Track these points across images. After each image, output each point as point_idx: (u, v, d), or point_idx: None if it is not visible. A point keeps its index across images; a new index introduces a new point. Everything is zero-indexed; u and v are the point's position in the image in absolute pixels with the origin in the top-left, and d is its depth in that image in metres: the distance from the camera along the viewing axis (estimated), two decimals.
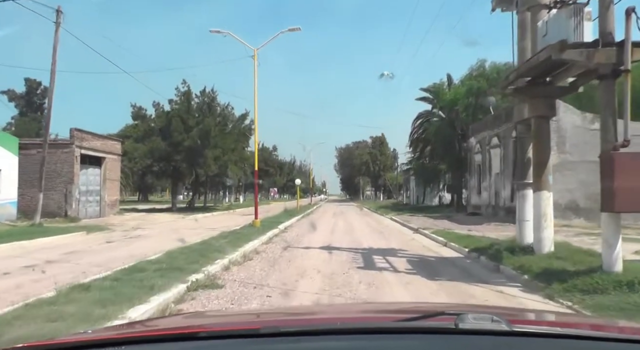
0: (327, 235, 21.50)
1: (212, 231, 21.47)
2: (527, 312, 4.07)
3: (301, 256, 14.12)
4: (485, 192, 34.20)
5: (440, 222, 29.07)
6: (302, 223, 30.34)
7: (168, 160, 40.62)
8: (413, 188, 67.44)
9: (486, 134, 33.46)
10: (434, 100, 51.37)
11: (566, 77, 11.63)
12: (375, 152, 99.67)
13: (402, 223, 29.72)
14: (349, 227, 26.94)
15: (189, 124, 40.42)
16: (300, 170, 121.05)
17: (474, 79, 40.48)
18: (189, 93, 41.74)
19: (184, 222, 31.72)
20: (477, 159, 36.10)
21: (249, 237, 17.43)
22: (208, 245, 14.55)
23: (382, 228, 26.97)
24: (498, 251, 12.78)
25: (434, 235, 20.20)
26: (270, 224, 24.52)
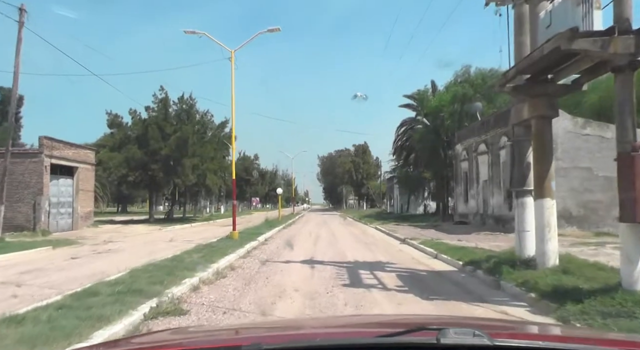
0: (310, 247, 20.29)
1: (187, 244, 20.23)
2: (510, 324, 3.80)
3: (281, 272, 12.89)
4: (472, 200, 33.25)
5: (427, 231, 28.01)
6: (283, 234, 29.08)
7: (144, 169, 39.16)
8: (397, 196, 66.47)
9: (473, 141, 32.56)
10: (418, 107, 50.55)
11: (570, 73, 10.60)
12: (358, 160, 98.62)
13: (387, 233, 28.60)
14: (333, 238, 25.74)
15: (167, 132, 39.07)
16: (282, 179, 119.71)
17: (459, 85, 39.66)
18: (167, 100, 40.42)
19: (159, 234, 30.28)
20: (464, 167, 35.18)
21: (225, 251, 16.15)
22: (179, 261, 13.26)
23: (367, 238, 25.81)
24: (496, 265, 11.65)
25: (423, 246, 19.09)
26: (249, 236, 23.27)
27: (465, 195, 35.13)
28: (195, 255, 14.81)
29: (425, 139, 45.06)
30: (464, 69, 40.61)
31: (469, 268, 12.79)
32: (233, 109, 22.94)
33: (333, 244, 21.84)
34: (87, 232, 29.82)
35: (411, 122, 52.26)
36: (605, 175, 24.30)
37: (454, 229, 28.53)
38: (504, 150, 27.04)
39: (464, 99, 38.82)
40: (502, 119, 27.28)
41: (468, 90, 38.70)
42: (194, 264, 12.38)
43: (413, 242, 21.12)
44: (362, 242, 23.45)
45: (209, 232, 29.43)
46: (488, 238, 22.70)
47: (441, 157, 45.82)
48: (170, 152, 38.48)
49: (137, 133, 39.79)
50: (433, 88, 50.21)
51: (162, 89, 40.78)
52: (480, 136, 31.08)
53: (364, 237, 26.66)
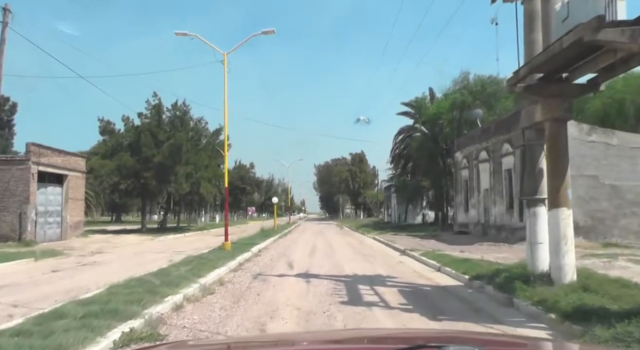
0: (305, 259, 19.36)
1: (177, 255, 19.31)
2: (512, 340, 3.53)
3: (273, 287, 11.96)
4: (473, 210, 32.36)
5: (427, 242, 27.12)
6: (278, 244, 28.12)
7: (137, 177, 38.21)
8: (394, 206, 65.56)
9: (473, 149, 31.72)
10: (416, 114, 49.82)
11: (586, 72, 9.74)
12: (355, 169, 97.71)
13: (386, 243, 27.68)
14: (329, 249, 24.80)
15: (160, 139, 38.17)
16: (279, 189, 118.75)
17: (458, 92, 38.91)
18: (160, 106, 39.53)
19: (150, 244, 29.32)
20: (464, 175, 34.32)
21: (215, 264, 15.21)
22: (164, 275, 12.31)
23: (365, 249, 24.88)
24: (507, 280, 10.74)
25: (424, 257, 18.17)
26: (242, 247, 22.33)
27: (465, 204, 34.26)
28: (183, 269, 13.86)
29: (424, 147, 44.29)
30: (462, 75, 39.95)
31: (476, 283, 11.87)
32: (225, 113, 22.06)
33: (330, 256, 20.91)
34: (76, 243, 28.84)
35: (409, 130, 51.46)
36: (611, 183, 23.50)
37: (455, 240, 27.65)
38: (506, 157, 26.20)
39: (462, 106, 38.09)
40: (504, 126, 26.48)
41: (467, 97, 37.97)
42: (180, 279, 11.43)
43: (413, 253, 20.21)
44: (360, 253, 22.52)
45: (201, 243, 28.50)
46: (492, 249, 21.81)
47: (440, 165, 45.03)
48: (163, 159, 37.56)
49: (129, 140, 38.88)
50: (431, 95, 49.51)
51: (155, 95, 39.97)
52: (481, 143, 30.25)
53: (361, 248, 25.73)
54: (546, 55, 8.85)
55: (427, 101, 48.31)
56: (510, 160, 25.68)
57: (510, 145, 25.54)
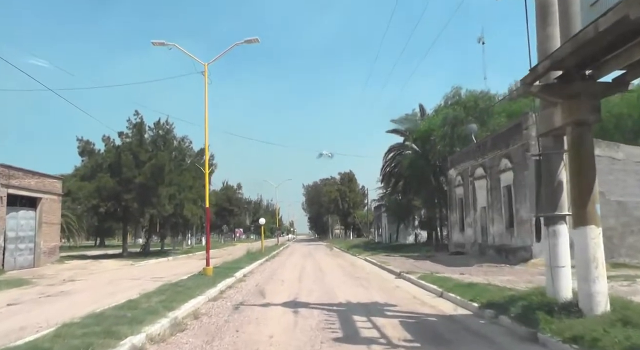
0: (294, 284, 17.78)
1: (154, 282, 17.82)
2: None
3: (256, 321, 10.39)
4: (469, 229, 30.94)
5: (422, 263, 25.66)
6: (264, 268, 26.47)
7: (117, 199, 36.49)
8: (385, 225, 64.11)
9: (468, 165, 30.42)
10: (406, 132, 48.65)
11: (614, 68, 8.42)
12: (344, 188, 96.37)
13: (379, 265, 26.15)
14: (320, 272, 23.20)
15: (141, 159, 36.57)
16: (267, 210, 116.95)
17: (450, 107, 37.79)
18: (142, 124, 38.04)
19: (129, 270, 27.58)
20: (459, 193, 32.98)
21: (193, 292, 13.63)
22: (131, 308, 10.73)
23: (357, 272, 23.32)
24: (526, 309, 9.30)
25: (423, 281, 16.68)
26: (225, 271, 20.73)
27: (460, 223, 32.86)
28: (155, 299, 12.29)
29: (415, 165, 43.06)
30: (454, 90, 38.91)
31: (488, 312, 10.37)
32: (206, 125, 20.56)
33: (320, 280, 19.33)
34: (48, 270, 27.04)
35: (399, 148, 50.27)
36: (617, 199, 22.21)
37: (451, 261, 26.19)
38: (505, 173, 24.87)
39: (455, 121, 36.94)
40: (501, 140, 25.23)
41: (459, 113, 36.86)
42: (147, 313, 9.86)
43: (410, 276, 18.72)
44: (353, 276, 20.96)
45: (184, 267, 26.89)
46: (493, 271, 20.36)
47: (432, 183, 43.78)
48: (145, 180, 35.93)
49: (109, 161, 37.24)
50: (421, 112, 48.46)
51: (137, 113, 38.49)
52: (476, 160, 28.96)
53: (353, 271, 24.16)
54: (574, 44, 7.48)
55: (417, 118, 47.18)
56: (509, 176, 24.37)
57: (509, 160, 24.24)
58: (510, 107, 36.49)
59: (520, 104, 37.01)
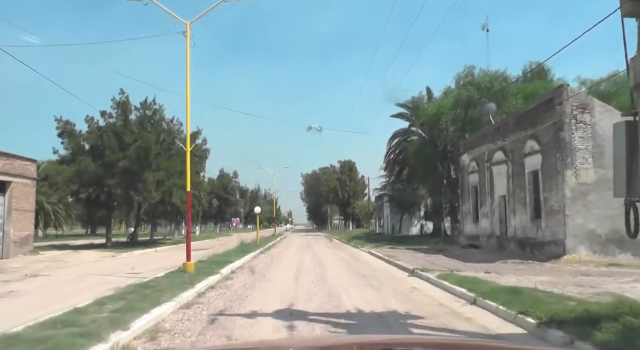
0: (290, 284, 14.89)
1: (126, 279, 15.08)
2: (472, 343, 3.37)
3: (236, 341, 7.50)
4: (484, 220, 28.07)
5: (435, 258, 22.81)
6: (258, 262, 23.55)
7: (100, 184, 33.58)
8: (388, 216, 61.20)
9: (485, 149, 27.48)
10: (412, 116, 45.66)
11: None
12: (344, 177, 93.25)
13: (386, 260, 23.28)
14: (320, 268, 20.28)
15: (126, 141, 33.58)
16: (265, 199, 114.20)
17: (463, 88, 34.77)
18: (126, 104, 34.98)
19: (107, 263, 24.78)
20: (472, 180, 30.07)
21: (162, 297, 10.74)
22: (66, 323, 7.85)
23: (363, 268, 20.43)
24: (626, 336, 6.41)
25: (445, 282, 13.80)
26: (210, 267, 17.84)
27: (474, 213, 29.98)
28: (110, 307, 9.46)
29: (421, 151, 40.12)
30: (467, 69, 35.81)
31: (556, 335, 7.45)
32: (188, 92, 17.51)
33: (321, 279, 16.41)
34: (16, 262, 24.15)
35: (405, 133, 47.30)
36: None
37: (468, 255, 23.33)
38: (530, 157, 21.94)
39: (468, 103, 34.01)
40: (526, 120, 22.29)
41: (473, 93, 33.88)
42: (79, 335, 6.96)
43: (427, 274, 15.86)
44: (359, 273, 18.06)
45: (169, 260, 24.02)
46: (522, 269, 17.46)
47: (439, 170, 40.92)
48: (129, 164, 32.97)
49: (91, 143, 34.27)
50: (429, 95, 45.43)
51: (122, 92, 35.41)
52: (495, 143, 26.02)
53: (358, 266, 21.27)
54: None
55: (424, 101, 44.13)
56: (536, 160, 21.44)
57: (537, 142, 21.30)
58: (526, 89, 33.64)
59: (537, 84, 34.19)
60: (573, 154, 18.98)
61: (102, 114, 34.48)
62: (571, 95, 18.80)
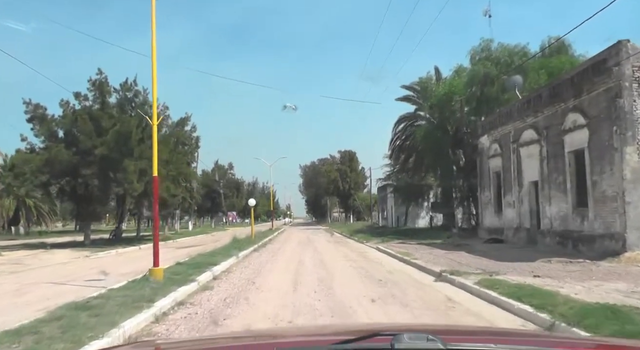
0: (285, 297, 11.32)
1: (82, 290, 11.97)
2: (464, 329, 3.67)
3: None
4: (509, 210, 24.57)
5: (457, 255, 19.32)
6: (249, 263, 19.96)
7: (74, 175, 29.96)
8: (392, 208, 57.59)
9: (511, 128, 23.96)
10: (420, 99, 42.03)
11: None
12: (345, 168, 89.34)
13: (401, 258, 19.79)
14: (323, 271, 16.67)
15: (103, 126, 29.98)
16: (262, 192, 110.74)
17: (479, 64, 31.22)
18: (104, 84, 31.28)
19: (74, 265, 21.51)
20: (494, 165, 26.55)
21: (96, 325, 7.25)
22: None
23: (375, 270, 16.87)
24: None
25: (492, 292, 10.35)
26: (188, 272, 14.34)
27: (496, 203, 26.48)
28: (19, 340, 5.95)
29: (430, 136, 36.54)
30: (483, 43, 32.21)
31: None
32: (154, 61, 13.79)
33: (326, 286, 12.82)
34: None
35: (411, 118, 43.68)
36: None
37: (494, 252, 19.84)
38: (573, 134, 18.40)
39: (485, 80, 30.47)
40: (566, 89, 18.69)
41: (491, 69, 30.36)
42: None
43: (461, 280, 12.41)
44: (372, 278, 14.49)
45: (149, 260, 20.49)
46: (576, 271, 13.93)
47: (449, 157, 37.41)
48: (107, 151, 29.33)
49: (65, 128, 30.66)
50: (437, 76, 41.76)
51: (100, 72, 31.72)
52: (523, 120, 22.48)
53: (369, 267, 17.70)
54: None
55: (432, 82, 40.47)
56: (580, 136, 17.90)
57: (582, 114, 17.72)
58: (549, 64, 30.08)
59: (562, 59, 30.69)
60: (634, 126, 15.42)
61: (77, 96, 30.75)
62: (632, 54, 15.16)
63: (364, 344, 1.79)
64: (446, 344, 1.66)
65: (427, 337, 1.68)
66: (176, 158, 36.53)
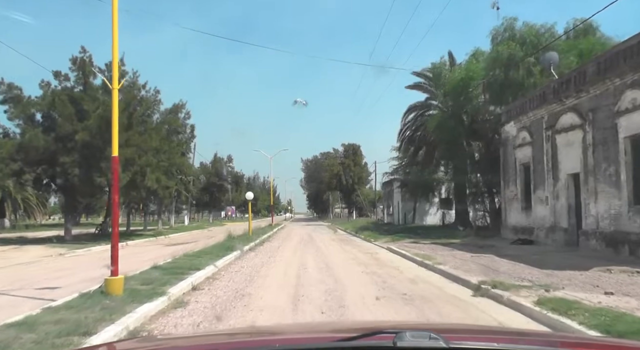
0: (286, 318, 8.37)
1: (13, 307, 8.99)
2: (466, 328, 3.68)
3: None
4: (541, 207, 21.59)
5: (486, 259, 16.41)
6: (241, 266, 16.79)
7: (51, 163, 27.04)
8: (398, 203, 54.52)
9: (544, 113, 20.98)
10: (432, 87, 38.94)
11: None
12: (349, 161, 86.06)
13: (420, 262, 16.83)
14: (331, 279, 13.60)
15: (85, 109, 27.07)
16: (263, 187, 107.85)
17: (503, 44, 28.15)
18: (86, 64, 28.29)
19: (40, 266, 18.86)
20: (522, 155, 23.58)
21: None
22: None
23: (395, 278, 13.85)
24: None
25: (570, 321, 7.39)
26: (160, 280, 11.34)
27: (524, 199, 23.50)
28: None
29: (444, 126, 33.38)
30: (506, 23, 29.07)
31: None
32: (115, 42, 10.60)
33: (337, 303, 9.73)
34: None
35: (422, 107, 40.55)
36: None
37: (529, 255, 16.88)
38: (631, 116, 15.37)
39: (509, 62, 27.42)
40: (623, 62, 15.64)
41: (516, 51, 27.30)
42: None
43: (512, 297, 9.50)
44: (394, 290, 11.45)
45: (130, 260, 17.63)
46: None
47: (464, 149, 34.49)
48: (89, 137, 26.44)
49: (43, 111, 27.71)
50: (451, 61, 38.65)
51: (83, 50, 28.74)
52: (561, 102, 19.46)
53: (386, 274, 14.67)
54: None
55: (446, 67, 37.35)
56: None
57: None
58: (579, 45, 27.10)
59: (591, 41, 27.75)
60: None
61: (56, 76, 27.75)
62: None
63: (366, 342, 1.75)
64: (449, 342, 1.61)
65: (430, 335, 1.63)
66: (169, 147, 33.62)
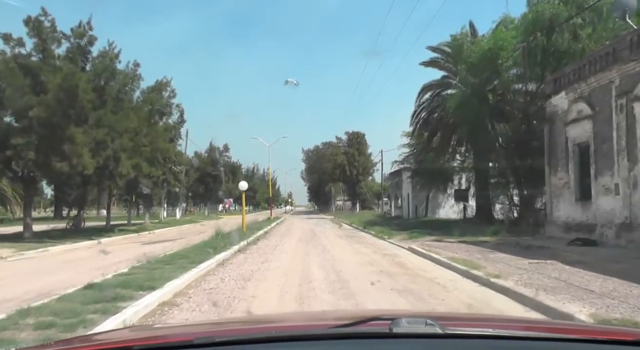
0: None
1: None
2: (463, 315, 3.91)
3: None
4: (606, 198, 17.07)
5: (554, 268, 12.11)
6: (223, 276, 12.21)
7: (2, 146, 22.53)
8: (409, 195, 49.93)
9: (615, 76, 16.39)
10: (449, 63, 34.30)
11: None
12: (353, 151, 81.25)
13: (463, 272, 12.34)
14: (351, 303, 9.20)
15: (43, 81, 22.58)
16: (263, 179, 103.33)
17: (545, 3, 23.63)
18: (43, 27, 23.69)
19: None
20: (576, 133, 19.05)
21: None
22: None
23: (438, 300, 9.41)
24: None
25: None
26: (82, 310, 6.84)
27: (579, 188, 18.99)
28: None
29: (465, 107, 28.75)
30: None
31: None
32: None
33: None
34: None
35: (439, 85, 35.86)
36: None
37: (613, 264, 12.45)
38: None
39: (551, 25, 22.93)
40: None
41: (560, 10, 22.80)
42: None
43: None
44: None
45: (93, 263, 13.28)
46: None
47: (488, 132, 30.04)
48: (47, 114, 21.95)
49: None
50: (472, 32, 33.99)
51: (44, 13, 24.12)
52: None
53: (426, 294, 10.08)
54: None
55: (468, 39, 32.66)
56: None
57: None
58: None
59: None
60: None
61: (6, 39, 23.05)
62: None
63: (362, 328, 1.75)
64: (444, 328, 1.61)
65: (426, 322, 1.64)
66: (150, 130, 29.02)
